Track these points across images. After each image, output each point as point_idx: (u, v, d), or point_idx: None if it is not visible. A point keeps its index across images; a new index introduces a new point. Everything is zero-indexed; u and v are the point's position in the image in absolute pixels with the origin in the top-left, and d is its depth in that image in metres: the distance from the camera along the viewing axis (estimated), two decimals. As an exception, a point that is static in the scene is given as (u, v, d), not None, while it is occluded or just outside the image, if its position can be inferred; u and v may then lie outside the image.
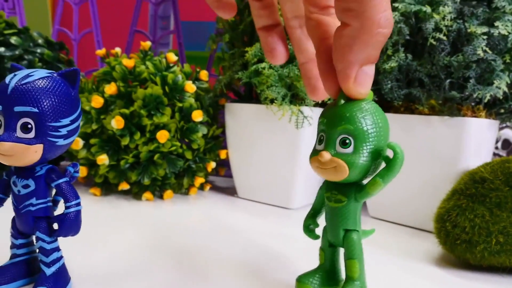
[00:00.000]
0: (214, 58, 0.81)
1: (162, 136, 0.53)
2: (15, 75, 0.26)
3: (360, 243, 0.27)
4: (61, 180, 0.28)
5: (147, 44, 0.61)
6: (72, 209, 0.28)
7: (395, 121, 0.50)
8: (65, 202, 0.28)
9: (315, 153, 0.26)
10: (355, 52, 0.23)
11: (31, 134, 0.26)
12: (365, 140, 0.25)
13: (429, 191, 0.48)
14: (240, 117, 0.59)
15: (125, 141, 0.53)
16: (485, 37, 0.44)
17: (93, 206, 0.52)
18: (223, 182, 0.73)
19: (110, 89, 0.53)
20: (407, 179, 0.50)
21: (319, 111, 0.54)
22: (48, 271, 0.28)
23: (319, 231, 0.31)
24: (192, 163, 0.60)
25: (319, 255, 0.30)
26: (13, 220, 0.29)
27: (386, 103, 0.53)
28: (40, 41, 0.62)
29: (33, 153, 0.26)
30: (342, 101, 0.25)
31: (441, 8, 0.46)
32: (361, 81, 0.24)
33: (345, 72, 0.24)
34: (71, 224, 0.28)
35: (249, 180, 0.60)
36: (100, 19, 0.88)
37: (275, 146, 0.56)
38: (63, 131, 0.27)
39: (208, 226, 0.47)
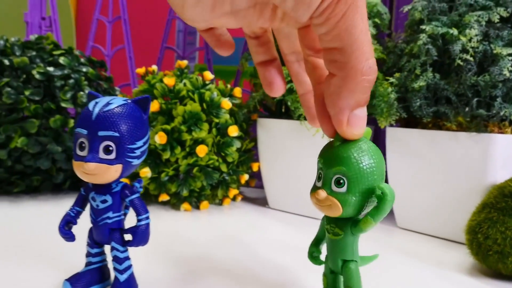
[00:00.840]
0: (241, 72, 0.84)
1: (201, 150, 0.57)
2: (96, 102, 0.30)
3: (358, 272, 0.29)
4: (133, 196, 0.32)
5: (184, 62, 0.64)
6: (143, 222, 0.31)
7: (423, 136, 0.52)
8: (137, 215, 0.31)
9: (314, 189, 0.28)
10: (344, 98, 0.25)
11: (112, 156, 0.29)
12: (358, 181, 0.26)
13: (457, 204, 0.51)
14: (272, 132, 0.62)
15: (166, 155, 0.57)
16: (510, 58, 0.47)
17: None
18: (253, 193, 0.76)
19: (153, 106, 0.57)
20: (435, 191, 0.53)
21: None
22: (121, 277, 0.32)
23: (323, 257, 0.33)
24: (226, 176, 0.63)
25: (322, 280, 0.32)
26: (90, 231, 0.33)
27: (413, 120, 0.55)
28: (82, 60, 0.66)
29: (114, 172, 0.29)
30: (338, 142, 0.27)
31: (467, 30, 0.48)
32: (353, 124, 0.26)
33: (337, 118, 0.26)
34: (142, 235, 0.31)
35: (280, 191, 0.63)
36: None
37: (305, 159, 0.59)
38: (138, 152, 0.30)
39: (244, 236, 0.50)
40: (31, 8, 0.98)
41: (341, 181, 0.26)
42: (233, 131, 0.60)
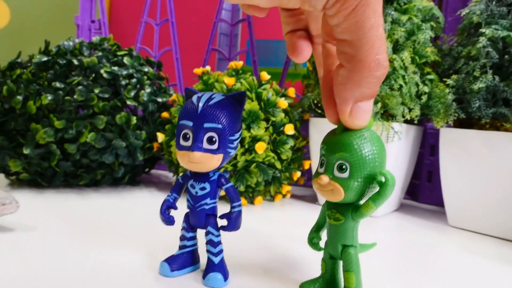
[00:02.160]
0: (286, 74, 0.87)
1: (260, 147, 0.59)
2: (199, 97, 0.32)
3: (357, 257, 0.30)
4: (229, 185, 0.34)
5: (239, 63, 0.67)
6: (236, 209, 0.34)
7: (480, 137, 0.53)
8: (232, 202, 0.34)
9: (316, 175, 0.30)
10: (349, 90, 0.26)
11: (215, 146, 0.32)
12: (360, 166, 0.27)
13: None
14: (325, 131, 0.64)
15: (226, 152, 0.59)
16: None
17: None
18: (300, 191, 0.78)
19: (215, 104, 0.59)
20: (490, 191, 0.54)
21: (407, 126, 0.59)
22: (216, 259, 0.34)
23: (322, 243, 0.34)
24: (279, 172, 0.65)
25: (321, 265, 0.33)
26: (186, 216, 0.35)
27: (468, 121, 0.57)
28: (141, 61, 0.70)
29: (216, 161, 0.32)
30: (341, 130, 0.28)
31: (528, 33, 0.50)
32: (355, 115, 0.27)
33: (341, 107, 0.27)
34: (236, 220, 0.34)
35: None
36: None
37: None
38: (235, 144, 0.33)
39: (302, 229, 0.52)
40: (82, 11, 1.03)
41: (344, 166, 0.27)
42: (289, 129, 0.62)
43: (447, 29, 0.72)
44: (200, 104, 0.32)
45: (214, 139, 0.31)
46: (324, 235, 0.34)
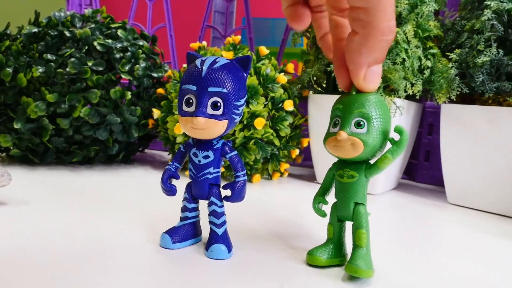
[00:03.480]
0: (282, 53, 0.85)
1: (259, 123, 0.58)
2: (202, 60, 0.31)
3: (367, 215, 0.31)
4: (233, 153, 0.33)
5: (237, 37, 0.65)
6: (241, 178, 0.33)
7: (483, 113, 0.53)
8: (236, 172, 0.33)
9: (330, 135, 0.31)
10: (363, 55, 0.28)
11: (220, 111, 0.30)
12: (376, 122, 0.29)
13: (515, 179, 0.51)
14: (325, 108, 0.63)
15: (224, 127, 0.58)
16: None
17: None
18: (297, 171, 0.77)
19: (213, 79, 0.58)
20: (491, 167, 0.53)
21: (408, 102, 0.58)
22: (219, 231, 0.33)
23: (327, 209, 0.34)
24: (277, 150, 0.64)
25: (327, 230, 0.33)
26: (188, 186, 0.34)
27: (469, 97, 0.56)
28: (135, 34, 0.67)
29: (221, 128, 0.31)
30: (355, 92, 0.30)
31: (534, 6, 0.49)
32: (369, 79, 0.29)
33: (356, 72, 0.29)
34: (240, 191, 0.32)
35: (328, 167, 0.64)
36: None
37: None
38: (240, 110, 0.32)
39: (301, 206, 0.52)
40: (72, -14, 0.99)
41: (361, 123, 0.29)
42: (289, 105, 0.61)
43: (448, 4, 0.71)
44: (204, 68, 0.30)
45: (218, 104, 0.30)
46: (330, 199, 0.34)
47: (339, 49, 0.31)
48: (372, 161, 0.31)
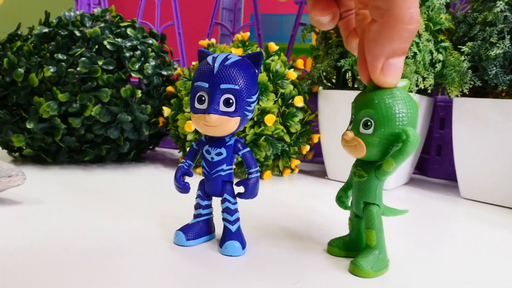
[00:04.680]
0: (291, 49, 0.85)
1: (270, 119, 0.57)
2: (214, 57, 0.31)
3: (379, 216, 0.30)
4: (245, 150, 0.33)
5: (246, 34, 0.65)
6: (254, 175, 0.32)
7: (497, 106, 0.52)
8: (249, 168, 0.32)
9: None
10: (380, 45, 0.26)
11: (232, 108, 0.30)
12: (384, 124, 0.27)
13: (530, 172, 0.51)
14: (335, 103, 0.63)
15: (234, 124, 0.58)
16: None
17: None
18: (308, 167, 0.77)
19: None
20: (505, 160, 0.53)
21: (419, 97, 0.57)
22: (233, 228, 0.33)
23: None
24: (287, 146, 0.64)
25: (348, 224, 0.34)
26: (201, 183, 0.34)
27: (482, 90, 0.55)
28: (145, 32, 0.68)
29: (233, 124, 0.30)
30: (371, 88, 0.28)
31: (548, -3, 0.48)
32: (387, 72, 0.27)
33: (372, 64, 0.27)
34: (253, 187, 0.32)
35: (340, 162, 0.64)
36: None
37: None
38: (252, 106, 0.31)
39: (313, 202, 0.52)
40: (80, -14, 1.00)
41: (369, 123, 0.28)
42: (299, 101, 0.60)
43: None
44: (216, 65, 0.30)
45: (231, 101, 0.30)
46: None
47: (363, 42, 0.29)
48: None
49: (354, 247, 0.33)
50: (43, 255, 0.30)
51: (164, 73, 0.66)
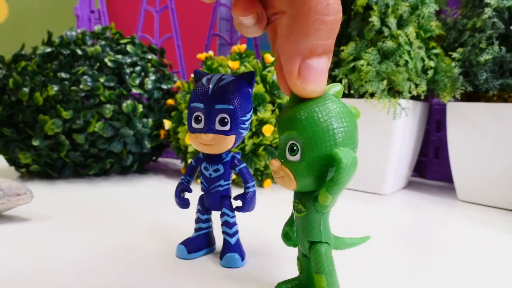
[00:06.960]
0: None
1: (268, 129, 0.59)
2: (208, 79, 0.32)
3: (329, 256, 0.24)
4: (242, 166, 0.34)
5: (242, 46, 0.67)
6: (251, 189, 0.34)
7: (488, 109, 0.53)
8: (246, 183, 0.34)
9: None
10: (293, 42, 0.20)
11: (227, 127, 0.32)
12: (312, 146, 0.22)
13: (524, 174, 0.52)
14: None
15: (233, 135, 0.59)
16: None
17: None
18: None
19: (221, 89, 0.59)
20: (499, 163, 0.54)
21: (413, 102, 0.59)
22: (232, 240, 0.34)
23: None
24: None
25: (297, 265, 0.28)
26: (201, 198, 0.35)
27: (474, 94, 0.57)
28: (144, 48, 0.69)
29: (229, 142, 0.32)
30: (293, 102, 0.23)
31: (534, 3, 0.49)
32: (305, 77, 0.21)
33: (286, 67, 0.21)
34: (250, 201, 0.34)
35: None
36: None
37: (368, 137, 0.60)
38: (247, 124, 0.33)
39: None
40: (81, 2, 1.02)
41: (294, 147, 0.22)
42: (296, 110, 0.62)
43: (450, 2, 0.72)
44: (211, 86, 0.32)
45: (226, 120, 0.32)
46: None
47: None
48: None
49: None
50: (52, 270, 0.31)
51: (164, 86, 0.68)
